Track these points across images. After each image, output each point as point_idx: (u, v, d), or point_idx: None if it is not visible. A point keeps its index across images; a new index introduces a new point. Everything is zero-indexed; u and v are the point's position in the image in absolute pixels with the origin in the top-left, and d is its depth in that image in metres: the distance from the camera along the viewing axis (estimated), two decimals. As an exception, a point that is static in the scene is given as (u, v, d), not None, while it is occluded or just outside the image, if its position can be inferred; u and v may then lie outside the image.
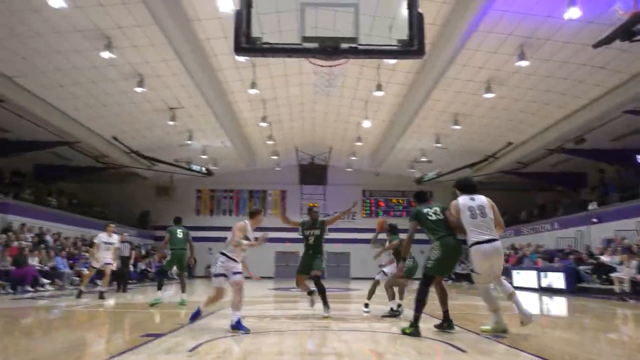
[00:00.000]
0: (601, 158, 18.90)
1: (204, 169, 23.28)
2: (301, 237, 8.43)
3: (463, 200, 5.80)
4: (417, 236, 5.81)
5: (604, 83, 13.91)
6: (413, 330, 5.26)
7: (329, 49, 7.23)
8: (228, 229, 19.37)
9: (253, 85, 15.11)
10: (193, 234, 11.48)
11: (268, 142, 21.99)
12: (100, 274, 15.41)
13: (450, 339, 5.11)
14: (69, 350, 4.56)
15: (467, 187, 6.11)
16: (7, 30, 11.51)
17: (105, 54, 12.53)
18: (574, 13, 10.53)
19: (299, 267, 8.03)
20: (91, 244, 12.71)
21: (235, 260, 6.07)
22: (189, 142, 20.41)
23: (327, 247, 29.94)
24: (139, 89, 14.86)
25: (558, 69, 13.57)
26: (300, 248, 26.99)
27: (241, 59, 13.73)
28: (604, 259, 14.44)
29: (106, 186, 25.57)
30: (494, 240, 5.46)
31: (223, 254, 6.17)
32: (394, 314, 7.22)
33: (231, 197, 29.54)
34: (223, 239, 11.49)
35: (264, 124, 19.09)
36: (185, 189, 28.27)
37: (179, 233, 9.90)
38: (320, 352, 4.56)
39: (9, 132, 17.26)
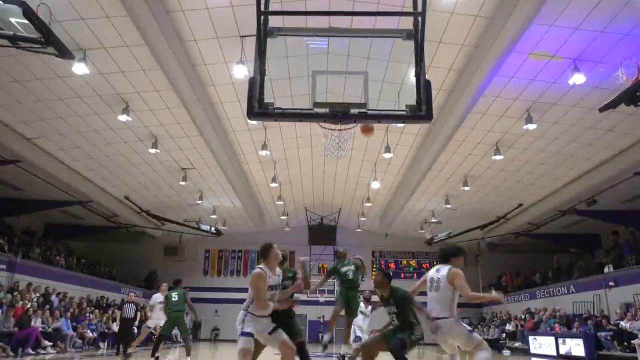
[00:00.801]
0: (614, 219, 18.67)
1: (213, 228, 23.31)
2: (308, 299, 8.28)
3: (431, 270, 5.86)
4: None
5: (612, 145, 14.00)
6: None
7: (339, 113, 7.41)
8: (235, 290, 19.03)
9: (264, 146, 15.42)
10: (200, 295, 11.37)
11: (278, 202, 22.09)
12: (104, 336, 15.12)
13: None
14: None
15: (440, 256, 5.99)
16: (29, 94, 12.01)
17: (122, 117, 12.93)
18: (578, 79, 10.79)
19: None
20: (148, 306, 12.37)
21: (264, 317, 5.14)
22: (199, 201, 20.58)
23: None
24: (152, 150, 15.20)
25: (566, 132, 13.72)
26: (307, 311, 26.51)
27: (253, 122, 14.11)
28: (624, 324, 13.88)
29: (115, 245, 25.55)
30: (436, 318, 5.35)
31: (250, 313, 5.12)
32: None
33: (239, 258, 29.27)
34: (231, 301, 11.16)
35: (274, 185, 19.27)
36: (193, 248, 28.15)
37: (174, 296, 9.89)
38: None
39: (22, 191, 17.56)
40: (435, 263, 26.31)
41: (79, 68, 10.44)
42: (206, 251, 29.10)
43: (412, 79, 7.03)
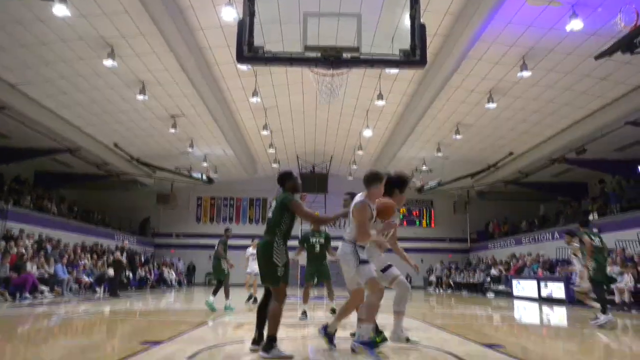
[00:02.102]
0: (602, 168, 18.90)
1: (204, 176, 23.26)
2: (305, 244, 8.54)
3: None
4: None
5: (606, 94, 13.93)
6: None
7: (331, 58, 7.25)
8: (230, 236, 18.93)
9: (255, 93, 15.14)
10: (194, 241, 11.57)
11: (269, 150, 22.00)
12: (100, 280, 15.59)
13: (448, 348, 5.11)
14: (67, 357, 4.52)
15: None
16: (12, 39, 11.55)
17: (108, 62, 12.55)
18: (576, 25, 10.56)
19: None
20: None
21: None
22: (190, 149, 20.43)
23: (328, 257, 29.34)
24: (140, 97, 14.89)
25: (560, 80, 13.59)
26: (300, 256, 26.71)
27: (243, 67, 13.77)
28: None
29: (107, 193, 25.55)
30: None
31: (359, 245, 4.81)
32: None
33: (232, 205, 29.51)
34: (228, 247, 11.28)
35: (265, 132, 19.10)
36: (185, 196, 28.25)
37: (216, 246, 10.41)
38: (319, 358, 4.48)
39: (10, 139, 17.27)
40: (426, 211, 26.43)
41: (59, 9, 9.98)
42: (198, 199, 29.25)
43: (407, 23, 6.83)
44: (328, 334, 4.95)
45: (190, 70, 13.81)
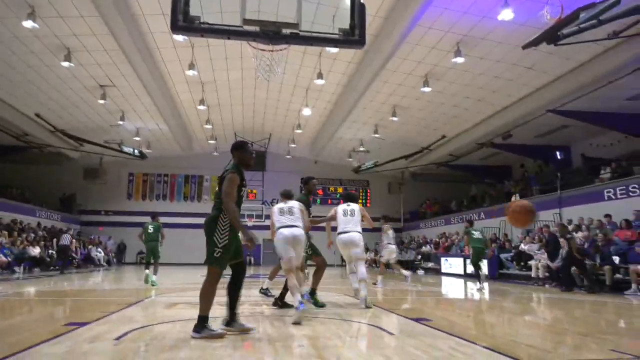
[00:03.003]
0: (526, 153, 20.14)
1: (136, 151, 22.28)
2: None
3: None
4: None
5: (531, 83, 14.76)
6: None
7: (270, 33, 7.11)
8: (162, 214, 18.56)
9: (191, 66, 14.58)
10: (125, 219, 11.51)
11: (206, 126, 21.39)
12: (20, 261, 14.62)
13: (378, 323, 5.29)
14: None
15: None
16: None
17: (28, 23, 11.54)
18: (506, 15, 11.03)
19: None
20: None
21: None
22: (120, 122, 19.44)
23: (264, 234, 29.57)
24: (65, 64, 13.89)
25: (491, 68, 14.21)
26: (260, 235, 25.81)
27: (179, 38, 13.17)
28: (523, 247, 15.45)
29: (29, 167, 23.87)
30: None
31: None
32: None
33: (166, 182, 28.57)
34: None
35: (202, 107, 18.52)
36: (116, 172, 26.96)
37: (150, 228, 11.35)
38: (254, 337, 4.43)
39: None
40: (362, 191, 26.93)
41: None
42: (130, 174, 28.05)
43: (347, 2, 6.80)
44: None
45: (121, 37, 13.02)
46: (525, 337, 4.84)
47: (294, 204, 6.67)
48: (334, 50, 13.31)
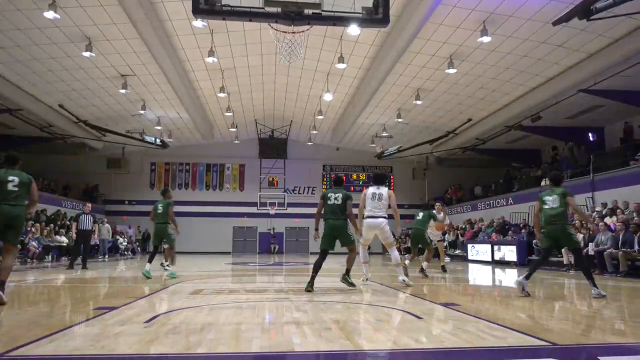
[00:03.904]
0: (556, 135, 19.47)
1: (158, 140, 22.36)
2: (259, 212, 8.42)
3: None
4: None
5: (561, 61, 14.15)
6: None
7: (292, 14, 6.89)
8: (184, 203, 18.78)
9: (211, 53, 14.42)
10: (147, 208, 11.02)
11: (226, 113, 21.32)
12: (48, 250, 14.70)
13: (407, 308, 5.21)
14: (17, 325, 4.17)
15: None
16: None
17: (49, 14, 11.54)
18: (536, -11, 10.52)
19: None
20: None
21: None
22: (142, 112, 19.51)
23: (286, 222, 29.77)
24: (86, 54, 13.90)
25: (519, 46, 13.66)
26: (258, 223, 26.85)
27: (198, 24, 13.04)
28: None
29: (53, 157, 24.23)
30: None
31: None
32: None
33: (187, 171, 28.74)
34: (180, 214, 11.02)
35: (222, 95, 18.41)
36: (138, 161, 27.27)
37: (159, 208, 9.48)
38: (280, 321, 4.42)
39: (-58, 97, 15.89)
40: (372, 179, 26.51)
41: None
42: (152, 164, 28.30)
43: (370, -22, 6.48)
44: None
45: (140, 25, 12.93)
46: (558, 321, 4.65)
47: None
48: (356, 32, 12.98)
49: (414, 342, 3.44)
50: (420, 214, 10.51)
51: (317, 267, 6.90)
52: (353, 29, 12.01)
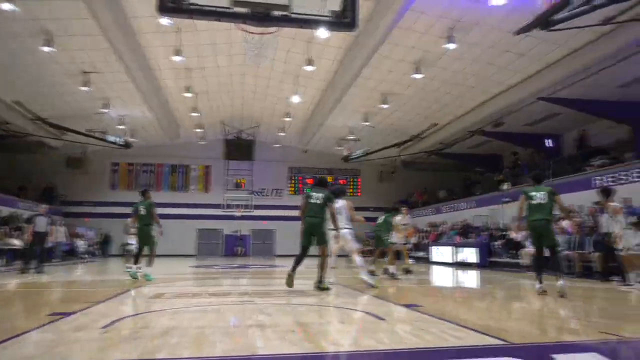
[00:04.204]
0: (516, 141, 20.08)
1: (121, 140, 21.78)
2: (225, 214, 8.43)
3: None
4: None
5: (523, 70, 14.61)
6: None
7: (260, 14, 6.86)
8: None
9: (177, 52, 14.18)
10: (108, 210, 10.69)
11: (193, 114, 20.99)
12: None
13: (370, 309, 5.28)
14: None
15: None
16: None
17: (6, 5, 11.09)
18: (499, 0, 10.85)
19: None
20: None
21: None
22: (104, 110, 18.96)
23: (253, 225, 29.50)
24: (46, 49, 13.41)
25: (483, 54, 14.03)
26: (223, 225, 26.58)
27: (164, 22, 12.79)
28: (513, 235, 15.41)
29: (8, 156, 23.22)
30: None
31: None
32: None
33: (152, 172, 28.12)
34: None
35: (188, 95, 18.12)
36: (100, 161, 26.46)
37: (142, 209, 9.35)
38: (244, 324, 4.39)
39: None
40: (352, 180, 26.84)
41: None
42: (114, 164, 27.51)
43: (340, -19, 6.52)
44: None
45: (103, 21, 12.55)
46: (515, 321, 4.81)
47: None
48: (324, 35, 13.03)
49: (377, 343, 3.47)
50: (382, 217, 10.93)
51: (297, 260, 7.30)
52: (322, 32, 12.04)
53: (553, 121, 17.86)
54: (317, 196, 7.31)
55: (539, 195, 6.70)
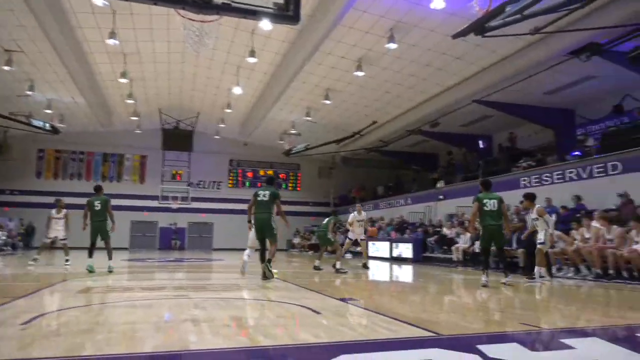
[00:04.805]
0: (451, 141, 20.93)
1: (48, 125, 20.40)
2: (160, 206, 8.44)
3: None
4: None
5: (459, 73, 15.23)
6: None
7: (201, 1, 6.67)
8: (77, 194, 17.31)
9: (112, 35, 13.47)
10: (33, 199, 10.10)
11: (128, 101, 20.06)
12: None
13: (307, 303, 5.29)
14: None
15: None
16: None
17: None
18: (438, 3, 11.22)
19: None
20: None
21: None
22: (29, 92, 17.69)
23: (190, 217, 28.71)
24: (-38, 23, 12.30)
25: (422, 56, 14.46)
26: (159, 218, 25.79)
27: (99, 2, 12.09)
28: (446, 231, 16.11)
29: None
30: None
31: None
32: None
33: (82, 160, 26.63)
34: (71, 206, 10.36)
35: (123, 80, 17.28)
36: (23, 147, 24.70)
37: (97, 205, 9.47)
38: (177, 319, 4.28)
39: None
40: (292, 174, 26.77)
41: None
42: (40, 151, 25.82)
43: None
44: None
45: (29, -4, 11.70)
46: (445, 313, 5.03)
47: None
48: (268, 27, 12.87)
49: (312, 337, 3.49)
50: (326, 219, 11.72)
51: (261, 253, 8.09)
52: (265, 24, 11.87)
53: (486, 123, 18.78)
54: (264, 194, 7.94)
55: (491, 203, 7.57)
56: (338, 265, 10.58)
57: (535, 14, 9.19)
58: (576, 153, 14.14)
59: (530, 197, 9.62)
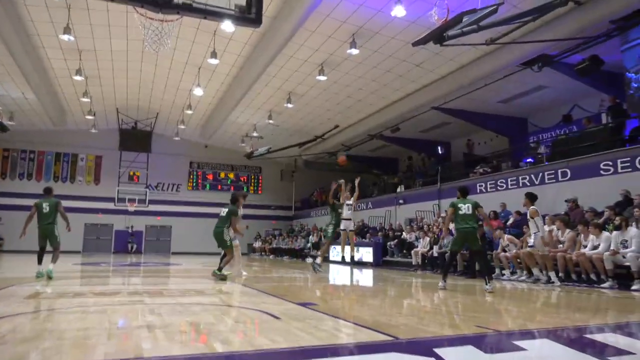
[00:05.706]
0: (411, 146, 21.37)
1: (-6, 122, 19.44)
2: (118, 209, 8.23)
3: None
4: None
5: (419, 80, 15.57)
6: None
7: (161, 0, 6.52)
8: (26, 195, 16.62)
9: (67, 30, 12.98)
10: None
11: (83, 99, 19.36)
12: None
13: (266, 308, 5.25)
14: None
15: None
16: None
17: None
18: (399, 11, 11.44)
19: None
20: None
21: None
22: (-25, 88, 16.81)
23: (147, 220, 28.04)
24: None
25: (384, 62, 14.70)
26: (114, 220, 25.11)
27: (53, -4, 11.64)
28: (405, 235, 16.37)
29: None
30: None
31: None
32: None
33: (32, 159, 25.48)
34: (19, 207, 9.86)
35: (78, 78, 16.67)
36: (-32, 145, 23.44)
37: (45, 207, 8.84)
38: (131, 325, 4.13)
39: None
40: (254, 177, 26.64)
41: None
42: (-14, 149, 24.56)
43: (246, -23, 6.44)
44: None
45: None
46: (403, 317, 5.07)
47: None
48: (230, 29, 12.74)
49: (270, 342, 3.46)
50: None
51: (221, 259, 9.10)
52: (227, 25, 11.74)
53: (444, 129, 19.27)
54: (224, 210, 9.14)
55: (465, 207, 7.70)
56: (318, 261, 11.24)
57: (490, 25, 9.56)
58: (529, 160, 14.69)
59: (530, 197, 9.43)
